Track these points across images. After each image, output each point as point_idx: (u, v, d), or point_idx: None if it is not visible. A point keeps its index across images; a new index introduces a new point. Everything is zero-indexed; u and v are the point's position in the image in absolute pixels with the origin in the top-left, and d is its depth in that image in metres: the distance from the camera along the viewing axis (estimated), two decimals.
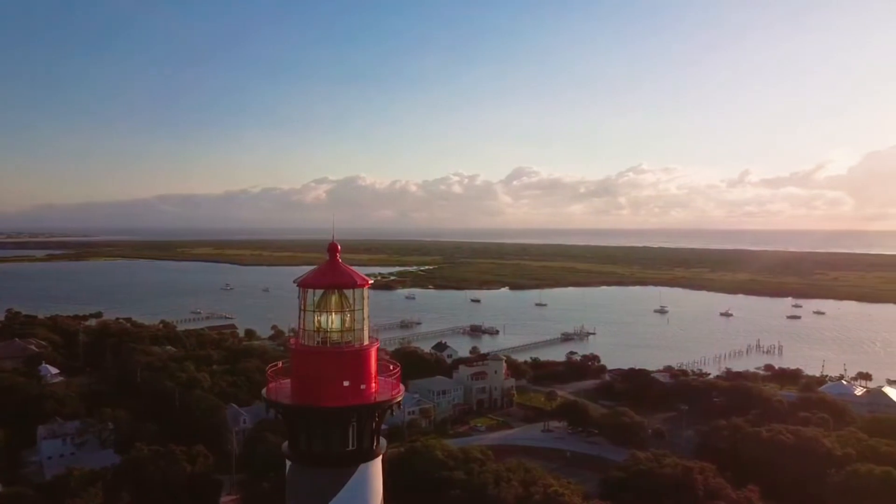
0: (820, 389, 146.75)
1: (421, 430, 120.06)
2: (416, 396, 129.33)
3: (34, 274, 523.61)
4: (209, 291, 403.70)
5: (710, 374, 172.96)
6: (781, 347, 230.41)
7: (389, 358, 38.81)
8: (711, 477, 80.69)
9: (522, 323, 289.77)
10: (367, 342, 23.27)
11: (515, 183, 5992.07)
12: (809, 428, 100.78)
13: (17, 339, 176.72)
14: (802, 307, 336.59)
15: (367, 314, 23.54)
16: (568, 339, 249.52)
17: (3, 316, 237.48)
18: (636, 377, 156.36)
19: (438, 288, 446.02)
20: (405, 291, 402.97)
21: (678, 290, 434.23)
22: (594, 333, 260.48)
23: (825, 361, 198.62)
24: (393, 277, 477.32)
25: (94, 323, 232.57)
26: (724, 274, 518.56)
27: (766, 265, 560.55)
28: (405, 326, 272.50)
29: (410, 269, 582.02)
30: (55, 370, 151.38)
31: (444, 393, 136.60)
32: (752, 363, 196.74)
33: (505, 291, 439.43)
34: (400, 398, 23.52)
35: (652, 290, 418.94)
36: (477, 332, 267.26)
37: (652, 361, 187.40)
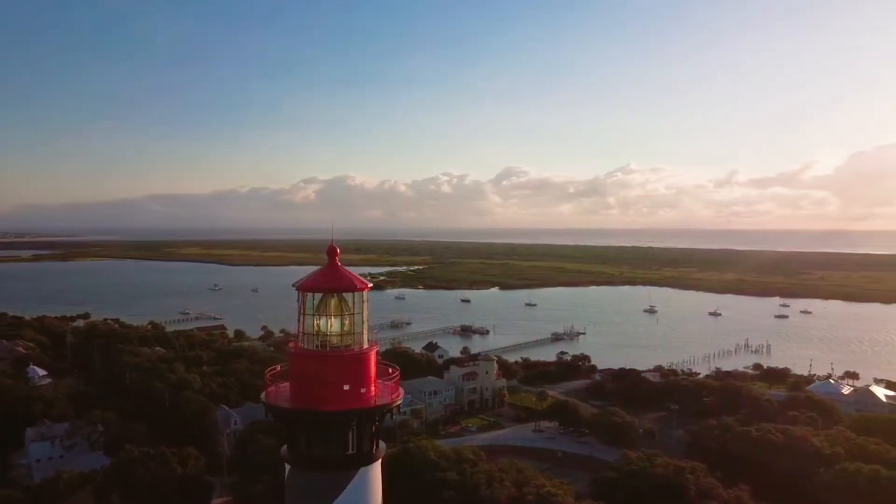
0: (808, 388, 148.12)
1: (412, 430, 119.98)
2: (407, 397, 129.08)
3: (21, 274, 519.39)
4: (198, 292, 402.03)
5: (699, 373, 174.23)
6: (769, 347, 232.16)
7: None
8: (703, 476, 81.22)
9: (512, 323, 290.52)
10: (366, 346, 23.17)
11: (505, 183, 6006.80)
12: (798, 427, 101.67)
13: (3, 340, 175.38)
14: (790, 306, 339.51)
15: (366, 317, 23.44)
16: (558, 338, 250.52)
17: None
18: (626, 377, 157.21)
19: (428, 288, 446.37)
20: (395, 291, 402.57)
21: (667, 289, 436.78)
22: (584, 333, 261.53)
23: (813, 360, 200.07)
24: (382, 277, 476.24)
25: (81, 324, 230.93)
26: (712, 274, 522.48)
27: (753, 265, 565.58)
28: (395, 327, 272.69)
29: (400, 269, 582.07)
30: (43, 372, 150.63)
31: (435, 393, 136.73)
32: (740, 362, 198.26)
33: (495, 291, 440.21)
34: (400, 402, 23.45)
35: (641, 289, 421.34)
36: (467, 332, 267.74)
37: (642, 361, 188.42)
